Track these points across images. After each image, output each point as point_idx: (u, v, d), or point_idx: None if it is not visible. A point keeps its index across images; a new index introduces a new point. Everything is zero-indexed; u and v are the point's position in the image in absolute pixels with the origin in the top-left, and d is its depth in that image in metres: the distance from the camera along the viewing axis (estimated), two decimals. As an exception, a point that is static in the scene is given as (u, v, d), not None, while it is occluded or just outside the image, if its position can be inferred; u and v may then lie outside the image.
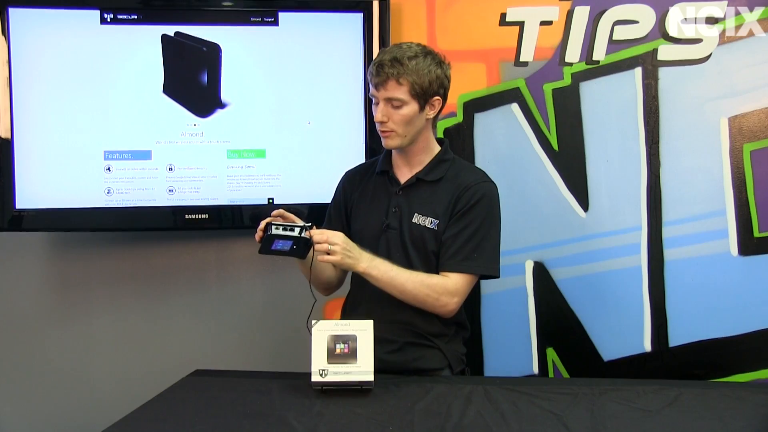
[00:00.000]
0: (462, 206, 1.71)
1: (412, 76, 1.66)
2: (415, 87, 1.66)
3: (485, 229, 1.71)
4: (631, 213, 2.25)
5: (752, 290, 2.20)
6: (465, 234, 1.70)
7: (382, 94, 1.68)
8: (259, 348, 2.42)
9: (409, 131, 1.71)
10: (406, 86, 1.66)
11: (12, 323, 2.46)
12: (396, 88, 1.66)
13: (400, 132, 1.70)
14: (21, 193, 2.19)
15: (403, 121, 1.69)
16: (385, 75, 1.65)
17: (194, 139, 2.24)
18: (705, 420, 1.45)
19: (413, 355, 1.76)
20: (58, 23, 2.18)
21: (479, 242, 1.70)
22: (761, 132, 2.20)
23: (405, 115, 1.68)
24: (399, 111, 1.68)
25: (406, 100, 1.67)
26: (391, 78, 1.65)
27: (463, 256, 1.70)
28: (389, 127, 1.69)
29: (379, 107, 1.69)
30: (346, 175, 1.91)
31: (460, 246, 1.70)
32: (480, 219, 1.71)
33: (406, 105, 1.68)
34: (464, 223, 1.71)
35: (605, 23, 2.23)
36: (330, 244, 1.61)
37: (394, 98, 1.67)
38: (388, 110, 1.68)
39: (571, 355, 2.31)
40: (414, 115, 1.69)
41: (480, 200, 1.71)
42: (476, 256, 1.70)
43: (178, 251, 2.43)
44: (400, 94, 1.66)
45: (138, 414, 1.51)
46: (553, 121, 2.27)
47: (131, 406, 1.54)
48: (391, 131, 1.70)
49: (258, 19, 2.22)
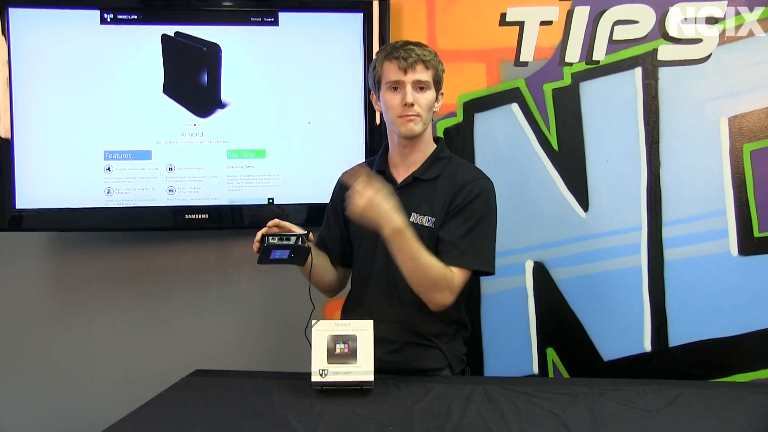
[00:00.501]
0: (459, 203, 1.72)
1: (435, 62, 1.71)
2: (437, 73, 1.72)
3: (482, 225, 1.72)
4: (631, 213, 2.25)
5: (752, 290, 2.20)
6: (462, 229, 1.70)
7: (410, 76, 1.69)
8: (259, 348, 2.42)
9: (429, 118, 1.74)
10: (431, 71, 1.71)
11: (12, 323, 2.46)
12: (424, 71, 1.69)
13: (424, 117, 1.72)
14: (21, 193, 2.19)
15: (428, 106, 1.71)
16: (416, 57, 1.68)
17: (194, 139, 2.24)
18: (705, 420, 1.45)
19: (413, 355, 1.76)
20: (58, 23, 2.18)
21: (476, 238, 1.71)
22: (761, 132, 2.20)
23: (429, 100, 1.71)
24: (424, 95, 1.70)
25: (431, 84, 1.71)
26: (420, 61, 1.68)
27: (460, 251, 1.69)
28: (416, 111, 1.70)
29: (408, 90, 1.69)
30: (343, 176, 1.91)
31: (457, 241, 1.70)
32: (477, 215, 1.71)
33: (429, 90, 1.71)
34: (461, 219, 1.71)
35: (605, 23, 2.23)
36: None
37: (422, 81, 1.69)
38: (415, 94, 1.70)
39: (571, 355, 2.31)
40: (433, 102, 1.73)
41: (477, 197, 1.72)
42: (473, 251, 1.70)
43: (178, 251, 2.43)
44: (427, 77, 1.70)
45: (138, 414, 1.51)
46: (553, 121, 2.27)
47: (131, 406, 1.54)
48: (417, 115, 1.70)
49: (258, 19, 2.22)
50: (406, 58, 1.68)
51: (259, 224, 1.68)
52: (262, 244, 1.64)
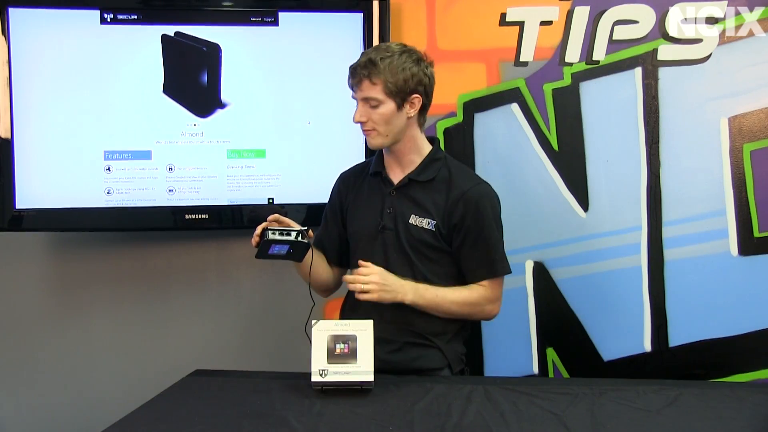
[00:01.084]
0: (469, 222, 1.73)
1: (385, 74, 1.68)
2: (388, 85, 1.68)
3: (495, 232, 1.76)
4: (631, 213, 2.25)
5: (752, 290, 2.20)
6: (481, 245, 1.74)
7: (359, 94, 1.71)
8: (259, 348, 2.42)
9: (390, 130, 1.72)
10: (379, 85, 1.68)
11: (12, 323, 2.46)
12: (370, 87, 1.69)
13: (381, 131, 1.72)
14: (21, 193, 2.19)
15: (382, 120, 1.71)
16: (359, 76, 1.69)
17: (194, 139, 2.24)
18: (705, 420, 1.45)
19: (413, 355, 1.76)
20: (58, 23, 2.18)
21: (493, 245, 1.76)
22: (761, 132, 2.20)
23: (383, 114, 1.70)
24: (377, 110, 1.70)
25: (382, 99, 1.69)
26: (365, 78, 1.69)
27: (489, 264, 1.75)
28: (370, 126, 1.72)
29: (358, 108, 1.73)
30: (341, 176, 1.91)
31: (484, 256, 1.75)
32: (489, 225, 1.74)
33: (383, 104, 1.70)
34: (477, 234, 1.74)
35: (605, 23, 2.23)
36: (364, 284, 1.65)
37: (370, 98, 1.69)
38: (366, 110, 1.71)
39: (571, 355, 2.31)
40: (392, 114, 1.70)
41: (482, 208, 1.74)
42: (498, 258, 1.77)
43: (178, 251, 2.43)
44: (375, 93, 1.69)
45: (138, 414, 1.51)
46: (553, 121, 2.27)
47: (131, 406, 1.54)
48: (372, 130, 1.72)
49: (258, 19, 2.22)
50: (353, 76, 1.71)
51: (259, 223, 1.68)
52: (261, 239, 1.64)
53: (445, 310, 1.73)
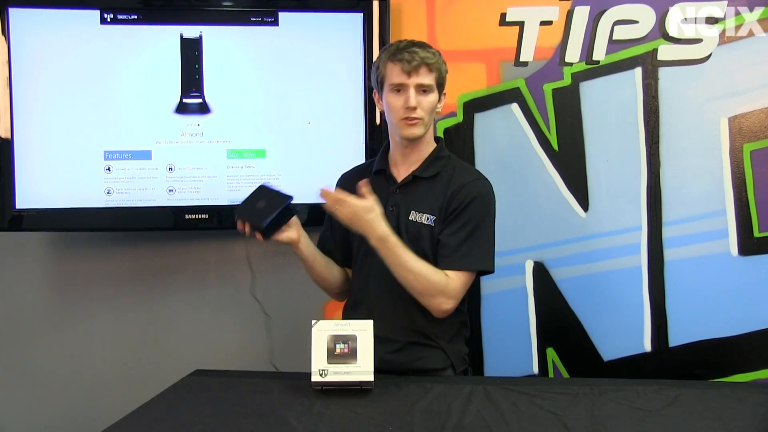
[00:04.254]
0: (456, 206, 1.72)
1: (438, 64, 1.70)
2: (441, 76, 1.70)
3: (480, 227, 1.72)
4: (631, 213, 2.25)
5: (752, 290, 2.20)
6: (462, 233, 1.70)
7: (414, 80, 1.68)
8: (259, 348, 2.42)
9: (430, 120, 1.74)
10: (435, 74, 1.69)
11: (12, 323, 2.46)
12: (427, 74, 1.68)
13: (426, 121, 1.71)
14: (21, 193, 2.19)
15: (430, 109, 1.71)
16: (420, 60, 1.67)
17: (194, 139, 2.23)
18: (705, 420, 1.45)
19: (416, 355, 1.76)
20: (58, 23, 2.18)
21: (474, 241, 1.71)
22: (761, 132, 2.20)
23: (431, 102, 1.70)
24: (427, 98, 1.70)
25: (434, 87, 1.70)
26: (424, 64, 1.67)
27: (461, 254, 1.70)
28: (419, 115, 1.69)
29: (411, 93, 1.68)
30: (343, 176, 1.91)
31: (458, 244, 1.70)
32: (476, 217, 1.71)
33: (432, 93, 1.70)
34: (460, 222, 1.71)
35: (605, 23, 2.23)
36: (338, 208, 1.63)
37: (425, 84, 1.68)
38: (418, 97, 1.69)
39: (571, 355, 2.31)
40: (435, 104, 1.72)
41: (474, 199, 1.72)
42: (474, 252, 1.71)
43: (178, 251, 2.43)
44: (430, 80, 1.69)
45: (138, 414, 1.51)
46: (553, 121, 2.27)
47: (131, 406, 1.54)
48: (420, 119, 1.70)
49: (258, 19, 2.22)
50: (410, 61, 1.67)
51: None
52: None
53: (401, 274, 1.66)
